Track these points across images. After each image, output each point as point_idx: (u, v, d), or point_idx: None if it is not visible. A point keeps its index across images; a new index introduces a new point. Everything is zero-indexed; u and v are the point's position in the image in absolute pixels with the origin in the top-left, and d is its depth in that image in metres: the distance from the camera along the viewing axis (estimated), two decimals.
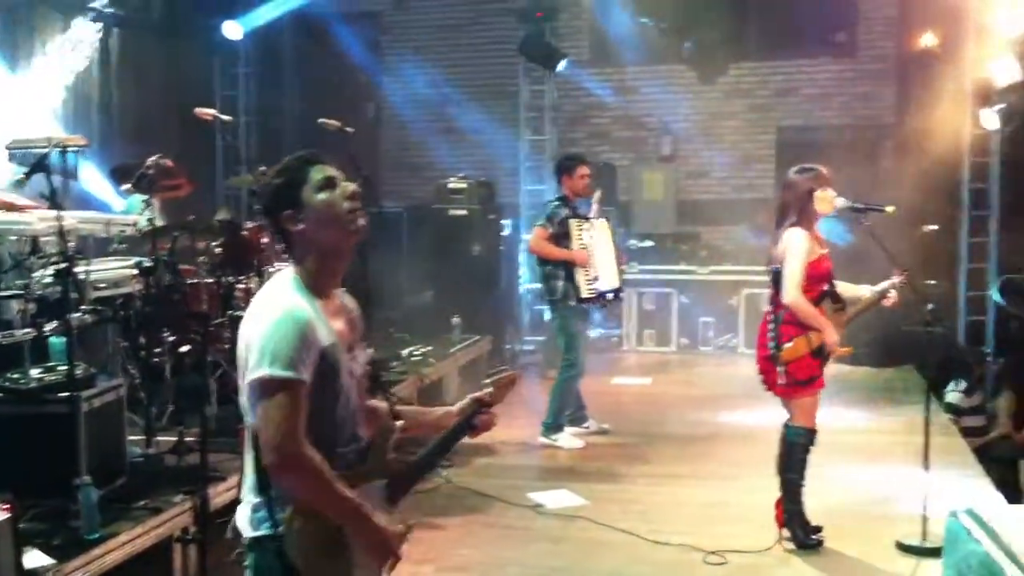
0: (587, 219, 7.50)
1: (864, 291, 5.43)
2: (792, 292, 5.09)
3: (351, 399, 2.69)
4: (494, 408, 2.95)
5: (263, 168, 6.67)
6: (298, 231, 2.64)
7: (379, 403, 2.92)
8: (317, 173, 2.66)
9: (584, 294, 7.36)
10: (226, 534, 2.75)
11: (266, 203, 2.71)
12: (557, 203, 7.51)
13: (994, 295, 4.68)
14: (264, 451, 2.47)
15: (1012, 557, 2.59)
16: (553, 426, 7.54)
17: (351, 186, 2.70)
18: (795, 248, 5.12)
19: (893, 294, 5.36)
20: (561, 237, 7.36)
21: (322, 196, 2.64)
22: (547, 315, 7.67)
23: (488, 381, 3.04)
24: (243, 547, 2.66)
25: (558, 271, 7.41)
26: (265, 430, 2.46)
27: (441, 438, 2.91)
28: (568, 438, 7.54)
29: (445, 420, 2.95)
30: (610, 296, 7.69)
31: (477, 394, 2.97)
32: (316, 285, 2.64)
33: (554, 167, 7.93)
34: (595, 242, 7.45)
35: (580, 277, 7.35)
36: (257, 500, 2.59)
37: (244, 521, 2.64)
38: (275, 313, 2.53)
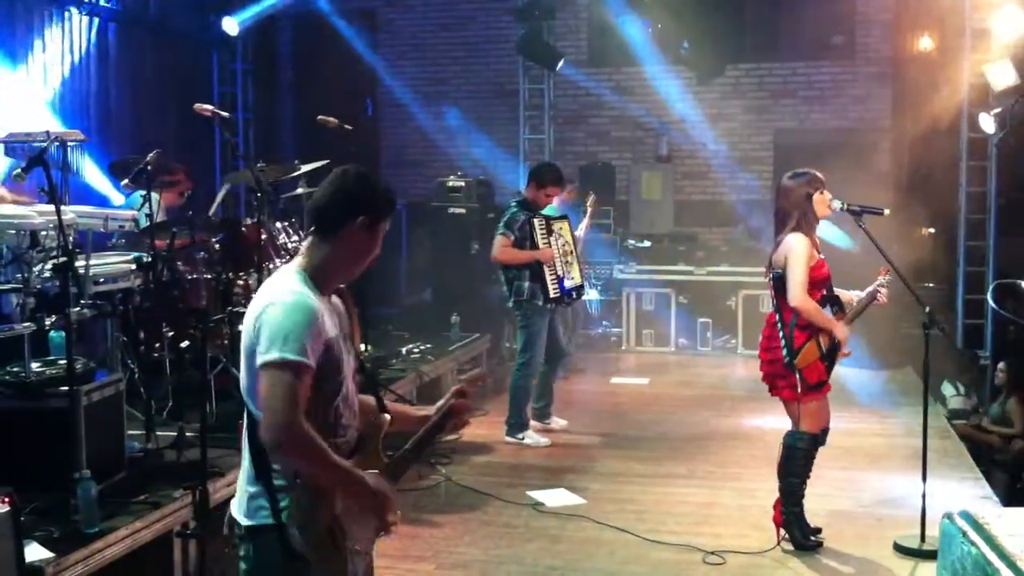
0: (547, 219, 7.50)
1: (855, 295, 5.43)
2: (799, 295, 5.09)
3: (348, 391, 2.79)
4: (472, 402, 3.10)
5: (261, 164, 6.72)
6: (351, 236, 2.74)
7: (367, 398, 2.96)
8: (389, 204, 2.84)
9: (551, 294, 7.34)
10: (223, 530, 2.77)
11: (357, 197, 2.77)
12: (515, 208, 7.43)
13: (989, 300, 4.69)
14: (267, 429, 2.54)
15: (1006, 558, 2.58)
16: (516, 424, 7.51)
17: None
18: (797, 252, 5.12)
19: (883, 292, 5.35)
20: (523, 241, 7.31)
21: (385, 225, 2.82)
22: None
23: (462, 378, 3.16)
24: (238, 537, 2.71)
25: (522, 272, 7.34)
26: (270, 409, 2.54)
27: (423, 431, 2.96)
28: (533, 435, 7.51)
29: (426, 416, 3.03)
30: (574, 295, 7.71)
31: (454, 387, 3.10)
32: (323, 283, 2.74)
33: (534, 170, 7.67)
34: (558, 241, 7.46)
35: (547, 276, 7.32)
36: (255, 489, 2.67)
37: (240, 511, 2.71)
38: (287, 300, 2.62)
